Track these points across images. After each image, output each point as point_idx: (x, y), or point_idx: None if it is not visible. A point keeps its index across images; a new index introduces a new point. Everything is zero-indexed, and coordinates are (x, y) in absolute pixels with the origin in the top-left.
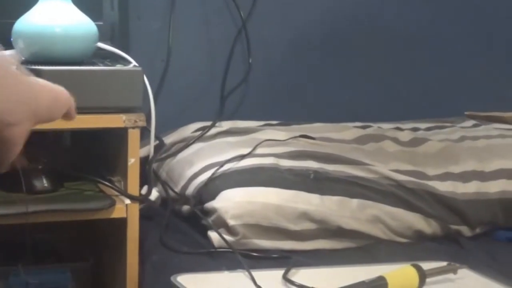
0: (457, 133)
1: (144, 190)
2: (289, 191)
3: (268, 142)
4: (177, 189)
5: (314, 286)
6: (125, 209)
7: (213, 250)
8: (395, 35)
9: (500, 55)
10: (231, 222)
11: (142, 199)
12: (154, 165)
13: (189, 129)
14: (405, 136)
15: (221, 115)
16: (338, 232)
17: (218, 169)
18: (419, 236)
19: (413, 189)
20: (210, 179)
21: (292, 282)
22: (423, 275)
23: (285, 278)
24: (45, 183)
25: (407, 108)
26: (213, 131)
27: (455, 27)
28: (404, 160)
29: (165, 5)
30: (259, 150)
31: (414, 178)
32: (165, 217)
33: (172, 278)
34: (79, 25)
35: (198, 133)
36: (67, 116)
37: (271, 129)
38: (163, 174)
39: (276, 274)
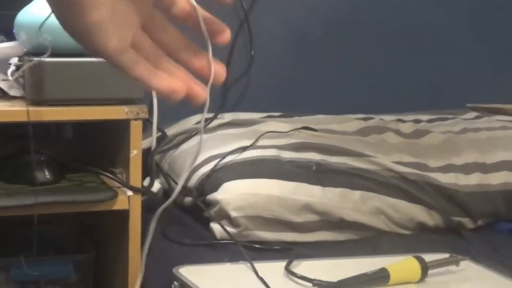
0: (459, 125)
1: (146, 182)
2: (291, 183)
3: (270, 134)
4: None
5: (316, 278)
6: (127, 200)
7: (215, 242)
8: (397, 28)
9: (503, 47)
10: (233, 213)
11: (144, 191)
12: (156, 157)
13: (191, 121)
14: (407, 128)
15: (223, 107)
16: (340, 224)
17: (220, 160)
18: (421, 228)
19: (415, 180)
20: (212, 171)
21: (294, 274)
22: (425, 267)
23: (287, 269)
24: (47, 174)
25: (409, 100)
26: (215, 123)
27: (457, 19)
28: (406, 152)
29: None
30: (261, 142)
31: (416, 170)
32: (167, 208)
33: (174, 270)
34: None
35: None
36: None
37: (273, 121)
38: (165, 165)
39: (278, 266)
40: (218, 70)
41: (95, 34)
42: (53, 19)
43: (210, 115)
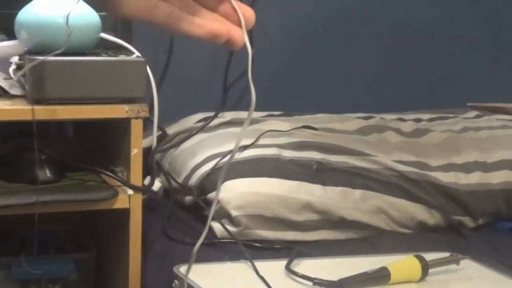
0: (459, 124)
1: (147, 180)
2: (292, 182)
3: (271, 133)
4: (180, 180)
5: (317, 276)
6: (128, 199)
7: (216, 240)
8: (398, 26)
9: (503, 46)
10: (234, 212)
11: (144, 190)
12: (157, 156)
13: (192, 120)
14: (407, 127)
15: (223, 106)
16: (341, 223)
17: (220, 159)
18: (421, 227)
19: (416, 179)
20: (213, 170)
21: (294, 273)
22: (425, 266)
23: (288, 268)
24: (47, 173)
25: (410, 99)
26: (215, 121)
27: (457, 18)
28: (407, 151)
29: None
30: (261, 141)
31: (416, 169)
32: (168, 207)
33: (174, 269)
34: (82, 15)
35: (201, 123)
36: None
37: (273, 120)
38: (165, 164)
39: (278, 265)
40: (246, 13)
41: (120, 4)
42: (54, 18)
43: (210, 114)
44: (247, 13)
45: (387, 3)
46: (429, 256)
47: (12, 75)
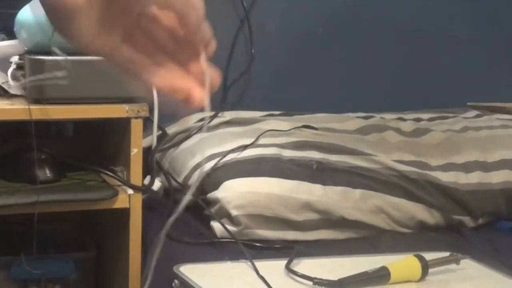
0: (459, 123)
1: (147, 180)
2: (292, 182)
3: (271, 133)
4: (180, 179)
5: (317, 276)
6: (128, 199)
7: (216, 240)
8: (398, 26)
9: (503, 45)
10: (234, 212)
11: (144, 189)
12: (157, 156)
13: (192, 119)
14: (407, 126)
15: (223, 106)
16: (341, 223)
17: (220, 159)
18: (421, 227)
19: (416, 179)
20: (213, 169)
21: (294, 272)
22: (425, 266)
23: (288, 268)
24: (48, 173)
25: (410, 98)
26: (215, 121)
27: (458, 17)
28: (407, 151)
29: None
30: (261, 141)
31: (416, 169)
32: (168, 207)
33: (174, 268)
34: None
35: (201, 123)
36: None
37: (273, 120)
38: (165, 164)
39: (278, 264)
40: (214, 76)
41: (80, 37)
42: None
43: (210, 113)
44: (214, 77)
45: (387, 3)
46: (429, 256)
47: (10, 80)
